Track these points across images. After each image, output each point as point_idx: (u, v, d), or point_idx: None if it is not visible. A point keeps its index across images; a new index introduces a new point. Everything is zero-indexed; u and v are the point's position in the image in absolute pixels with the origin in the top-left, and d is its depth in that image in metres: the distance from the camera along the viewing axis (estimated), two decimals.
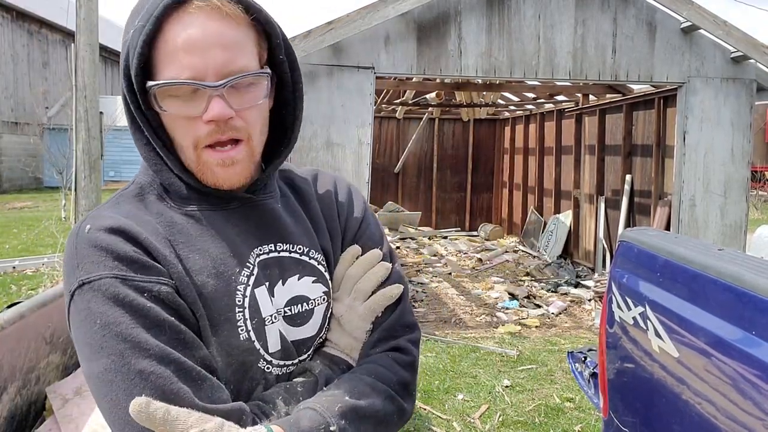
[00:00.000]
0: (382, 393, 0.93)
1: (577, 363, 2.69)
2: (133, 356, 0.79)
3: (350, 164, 5.48)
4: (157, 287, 0.84)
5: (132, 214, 0.92)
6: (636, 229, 2.01)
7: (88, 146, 5.75)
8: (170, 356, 0.81)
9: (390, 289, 1.02)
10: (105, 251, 0.85)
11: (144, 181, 0.97)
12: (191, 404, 0.78)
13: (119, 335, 0.80)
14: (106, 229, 0.87)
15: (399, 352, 1.00)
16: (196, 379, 0.82)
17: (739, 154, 5.94)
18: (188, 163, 0.92)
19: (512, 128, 11.49)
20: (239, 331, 0.91)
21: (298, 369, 0.98)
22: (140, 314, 0.82)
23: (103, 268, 0.84)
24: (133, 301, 0.82)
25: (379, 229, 1.11)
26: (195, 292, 0.88)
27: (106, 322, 0.81)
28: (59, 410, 1.99)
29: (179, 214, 0.94)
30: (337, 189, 1.12)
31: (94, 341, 0.81)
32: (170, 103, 0.87)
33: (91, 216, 0.91)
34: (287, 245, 0.99)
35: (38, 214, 13.32)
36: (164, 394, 0.78)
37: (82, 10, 5.66)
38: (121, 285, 0.83)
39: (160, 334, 0.82)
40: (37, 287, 6.75)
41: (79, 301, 0.84)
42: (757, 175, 15.62)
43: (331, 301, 1.03)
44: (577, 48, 5.72)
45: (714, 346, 1.40)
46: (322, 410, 0.85)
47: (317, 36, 5.11)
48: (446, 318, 6.22)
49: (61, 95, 20.65)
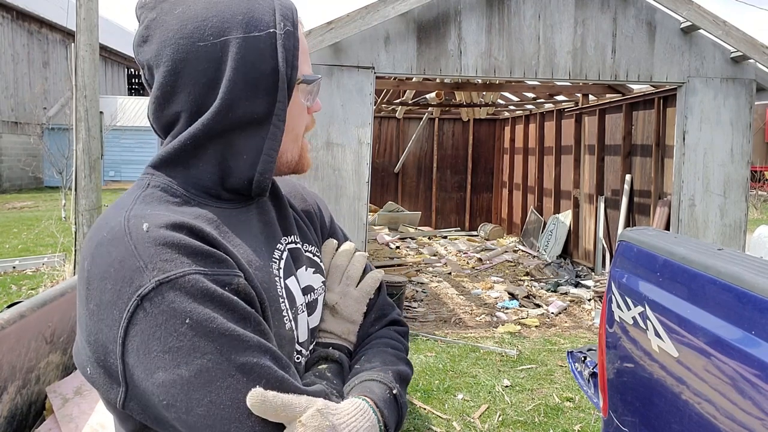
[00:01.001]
0: (403, 360, 1.05)
1: (576, 363, 2.69)
2: (233, 351, 0.77)
3: (350, 164, 5.48)
4: (235, 280, 0.84)
5: (175, 210, 0.88)
6: (635, 228, 2.01)
7: (88, 146, 5.75)
8: (265, 346, 0.81)
9: (374, 273, 1.12)
10: (177, 247, 0.80)
11: (162, 183, 0.93)
12: (295, 389, 0.80)
13: (214, 331, 0.77)
14: (168, 225, 0.82)
15: (396, 324, 1.12)
16: (286, 366, 0.83)
17: (738, 154, 5.94)
18: (293, 153, 1.01)
19: (512, 128, 11.49)
20: (285, 321, 0.94)
21: (313, 357, 1.02)
22: (229, 308, 0.80)
23: (181, 264, 0.79)
24: (222, 296, 0.80)
25: (340, 225, 1.24)
26: (256, 283, 0.90)
27: (197, 320, 0.77)
28: (59, 410, 1.99)
29: (212, 210, 0.93)
30: (302, 190, 1.20)
31: (183, 344, 0.77)
32: (303, 96, 1.00)
33: (136, 215, 0.85)
34: (293, 237, 1.05)
35: (38, 213, 13.32)
36: (268, 383, 0.78)
37: (82, 10, 5.66)
38: (206, 280, 0.80)
39: (247, 326, 0.81)
40: (37, 287, 6.75)
41: (158, 303, 0.77)
42: (756, 175, 15.62)
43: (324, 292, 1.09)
44: (577, 48, 5.72)
45: (713, 346, 1.40)
46: (380, 378, 0.94)
47: (317, 36, 5.11)
48: (446, 318, 6.22)
49: (61, 95, 20.68)
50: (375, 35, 5.42)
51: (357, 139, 5.49)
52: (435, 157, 12.03)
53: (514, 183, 11.41)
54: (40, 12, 21.30)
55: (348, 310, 1.07)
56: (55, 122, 18.60)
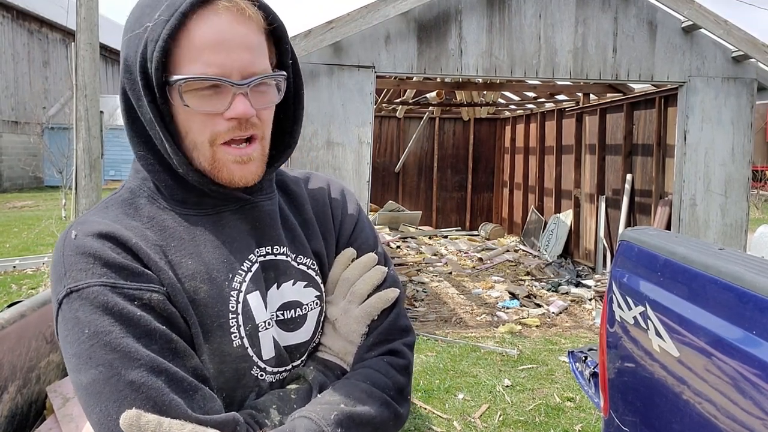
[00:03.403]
0: (378, 399, 0.92)
1: (577, 362, 2.69)
2: (122, 367, 0.77)
3: (350, 163, 5.47)
4: (147, 295, 0.82)
5: (120, 219, 0.90)
6: (636, 228, 2.01)
7: (88, 145, 5.75)
8: (161, 366, 0.79)
9: (386, 293, 1.00)
10: (93, 258, 0.82)
11: (134, 185, 0.95)
12: (184, 415, 0.77)
13: (108, 345, 0.78)
14: (94, 234, 0.84)
15: (394, 355, 0.99)
16: (188, 389, 0.80)
17: (739, 154, 5.94)
18: (200, 161, 0.90)
19: (513, 127, 11.49)
20: (232, 338, 0.90)
21: (291, 375, 0.96)
22: (130, 323, 0.79)
23: (91, 275, 0.81)
24: (122, 310, 0.80)
25: (373, 231, 1.10)
26: (187, 298, 0.87)
27: (95, 331, 0.78)
28: (60, 409, 1.99)
29: (172, 217, 0.92)
30: (330, 191, 1.11)
31: (82, 351, 0.79)
32: (191, 98, 0.86)
33: (78, 222, 0.89)
34: (283, 248, 0.98)
35: (39, 213, 13.33)
36: (156, 405, 0.76)
37: (82, 9, 5.66)
38: (110, 293, 0.80)
39: (150, 344, 0.80)
40: (37, 286, 6.75)
41: (66, 309, 0.81)
42: (757, 175, 15.60)
43: (324, 306, 1.01)
44: (578, 47, 5.71)
45: (714, 346, 1.40)
46: (317, 419, 0.84)
47: (318, 35, 5.10)
48: (447, 317, 6.22)
49: (62, 94, 20.68)
50: (375, 34, 5.42)
51: (357, 139, 5.48)
52: (435, 156, 12.02)
53: (515, 182, 11.40)
54: (41, 11, 21.29)
55: (345, 329, 0.99)
56: (55, 122, 18.62)
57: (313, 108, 5.32)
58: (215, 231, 0.93)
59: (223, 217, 0.95)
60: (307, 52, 5.10)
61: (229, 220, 0.95)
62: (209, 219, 0.94)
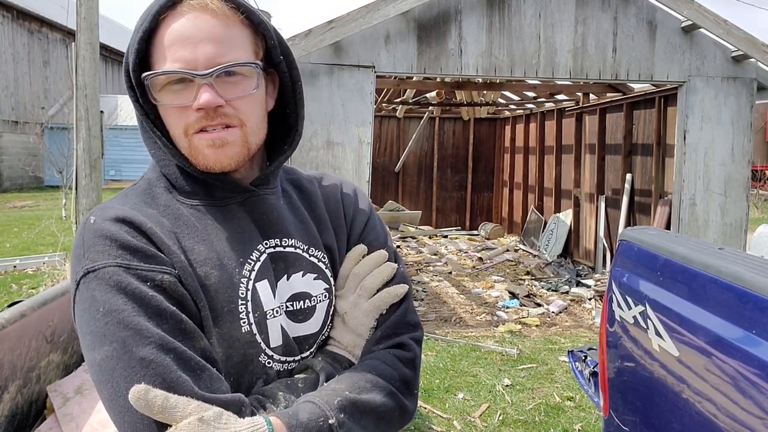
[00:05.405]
0: (383, 389, 0.94)
1: (577, 362, 2.69)
2: (134, 344, 0.80)
3: (350, 163, 5.47)
4: (159, 276, 0.86)
5: (138, 206, 0.94)
6: (636, 228, 2.01)
7: (88, 145, 5.75)
8: (171, 345, 0.81)
9: (395, 288, 1.03)
10: (110, 240, 0.86)
11: (152, 177, 1.00)
12: (191, 393, 0.79)
13: (121, 323, 0.81)
14: (112, 219, 0.89)
15: (401, 348, 1.01)
16: (195, 368, 0.82)
17: (739, 153, 5.94)
18: (184, 152, 0.95)
19: (512, 127, 11.49)
20: (241, 323, 0.92)
21: (299, 366, 0.98)
22: (142, 302, 0.83)
23: (107, 256, 0.85)
24: (135, 290, 0.83)
25: (384, 229, 1.13)
26: (197, 282, 0.90)
27: (109, 309, 0.82)
28: (60, 409, 1.99)
29: (185, 207, 0.97)
30: (343, 189, 1.14)
31: (97, 329, 0.82)
32: (164, 94, 0.91)
33: (98, 208, 0.94)
34: (292, 240, 1.01)
35: (39, 213, 13.33)
36: (164, 382, 0.79)
37: (82, 9, 5.66)
38: (124, 273, 0.84)
39: (161, 323, 0.83)
40: (37, 286, 6.75)
41: (84, 289, 0.85)
42: (757, 174, 15.61)
43: (333, 299, 1.03)
44: (578, 47, 5.72)
45: (714, 345, 1.40)
46: (321, 403, 0.86)
47: (318, 35, 5.10)
48: (447, 317, 6.22)
49: (62, 94, 20.68)
50: (375, 34, 5.42)
51: (357, 139, 5.48)
52: (435, 156, 12.02)
53: (515, 182, 11.40)
54: (41, 11, 21.29)
55: (354, 322, 1.01)
56: (55, 121, 18.62)
57: (313, 108, 5.32)
58: (224, 222, 0.97)
59: (231, 209, 0.98)
60: (307, 51, 5.10)
61: (236, 212, 0.98)
62: (218, 210, 0.98)
